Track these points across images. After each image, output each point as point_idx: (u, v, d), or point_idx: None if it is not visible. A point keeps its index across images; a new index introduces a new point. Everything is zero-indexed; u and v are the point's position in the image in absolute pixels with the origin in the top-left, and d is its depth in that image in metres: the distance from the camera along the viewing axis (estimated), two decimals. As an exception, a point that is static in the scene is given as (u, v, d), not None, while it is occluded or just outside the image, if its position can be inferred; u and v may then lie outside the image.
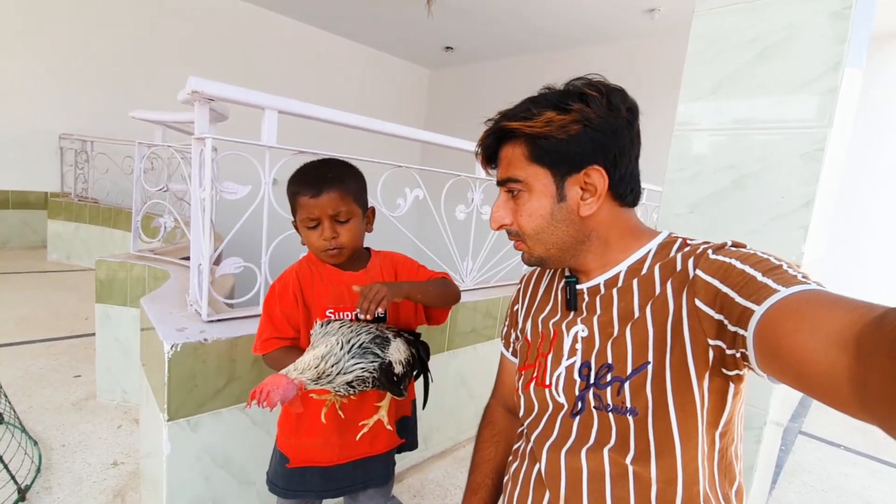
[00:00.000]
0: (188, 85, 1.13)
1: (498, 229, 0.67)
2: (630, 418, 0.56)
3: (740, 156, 1.16)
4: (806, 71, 1.06)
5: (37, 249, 5.00)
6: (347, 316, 0.97)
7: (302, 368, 0.76)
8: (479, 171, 1.92)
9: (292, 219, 0.97)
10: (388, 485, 1.09)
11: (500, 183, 0.66)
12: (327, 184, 0.90)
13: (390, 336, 0.90)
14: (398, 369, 0.87)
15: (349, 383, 0.81)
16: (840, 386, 0.35)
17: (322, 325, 0.87)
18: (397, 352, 0.88)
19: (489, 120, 0.66)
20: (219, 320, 1.25)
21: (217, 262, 1.34)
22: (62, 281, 4.02)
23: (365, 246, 1.04)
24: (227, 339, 1.16)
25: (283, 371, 0.76)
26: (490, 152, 0.67)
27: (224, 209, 1.60)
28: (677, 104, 1.27)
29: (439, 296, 0.99)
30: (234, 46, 6.15)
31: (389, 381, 0.86)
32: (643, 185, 0.67)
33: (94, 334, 2.80)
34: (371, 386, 0.85)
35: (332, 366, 0.78)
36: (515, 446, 0.75)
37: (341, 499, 1.11)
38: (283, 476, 1.00)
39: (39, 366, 2.36)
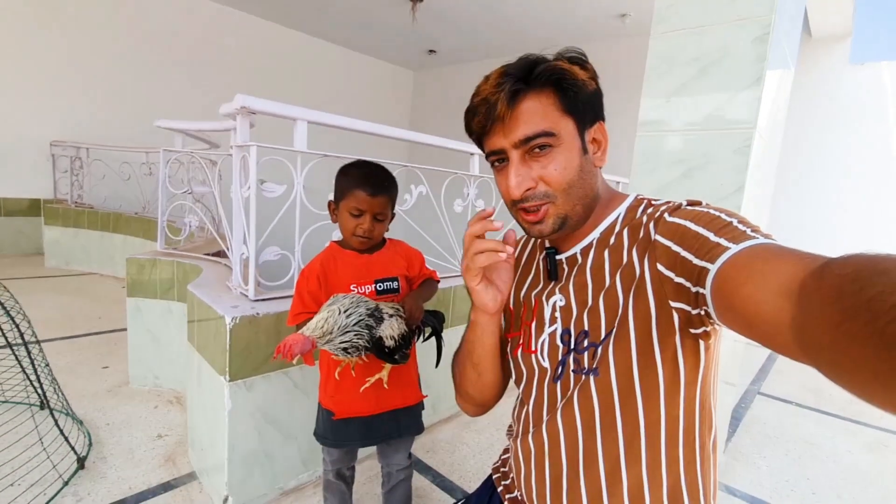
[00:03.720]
0: (236, 101, 1.35)
1: (522, 196, 0.61)
2: (594, 377, 0.61)
3: (689, 152, 1.44)
4: (736, 83, 1.35)
5: (32, 256, 5.05)
6: (367, 289, 1.19)
7: (312, 328, 0.97)
8: (475, 169, 2.17)
9: (330, 200, 1.18)
10: (417, 434, 1.30)
11: (526, 140, 0.59)
12: (383, 189, 1.13)
13: (385, 316, 1.06)
14: (389, 343, 1.05)
15: (344, 349, 0.99)
16: (782, 331, 0.37)
17: (333, 297, 1.05)
18: (389, 328, 1.05)
19: (506, 70, 0.61)
20: (263, 300, 1.47)
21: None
22: (64, 285, 4.12)
23: None
24: (274, 313, 1.39)
25: (300, 331, 0.97)
26: (504, 107, 0.59)
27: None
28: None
29: (430, 299, 1.27)
30: (224, 52, 6.25)
31: (381, 352, 1.05)
32: (616, 178, 0.82)
33: (112, 331, 3.00)
34: (364, 353, 1.04)
35: (330, 328, 0.97)
36: (515, 410, 0.79)
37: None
38: (331, 429, 1.20)
39: (66, 360, 2.52)
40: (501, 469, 0.86)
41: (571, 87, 0.59)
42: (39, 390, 1.75)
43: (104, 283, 4.22)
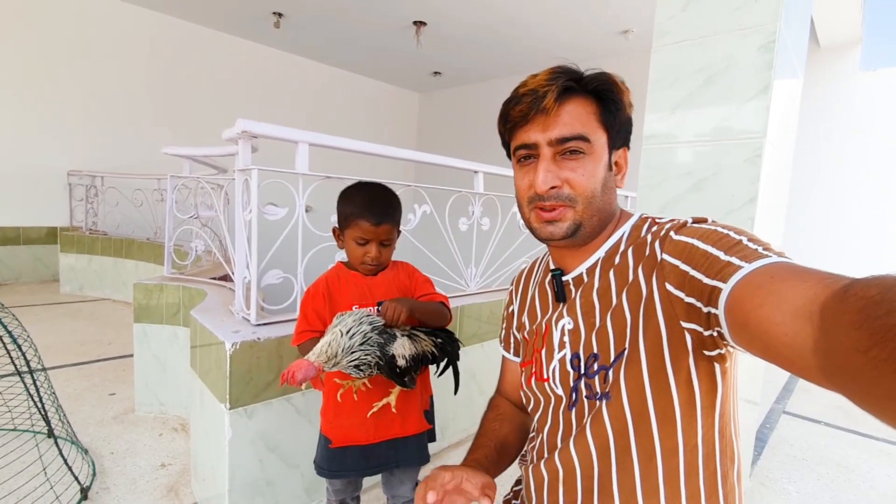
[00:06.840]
0: (237, 125, 1.36)
1: (546, 192, 0.60)
2: (606, 402, 0.59)
3: (698, 163, 1.40)
4: (743, 93, 1.32)
5: (48, 283, 5.14)
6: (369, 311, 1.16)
7: (317, 353, 0.94)
8: (478, 187, 2.15)
9: (335, 227, 1.17)
10: (420, 465, 1.24)
11: (564, 140, 0.59)
12: (388, 217, 1.11)
13: (397, 333, 1.03)
14: (401, 362, 1.01)
15: (356, 367, 0.96)
16: (804, 356, 0.35)
17: (337, 317, 1.02)
18: (401, 347, 1.02)
19: (559, 69, 0.60)
20: (265, 324, 1.44)
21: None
22: (78, 311, 4.17)
23: None
24: (276, 337, 1.36)
25: (306, 357, 0.94)
26: (552, 100, 0.58)
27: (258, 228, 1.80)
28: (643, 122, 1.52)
29: (432, 317, 1.17)
30: (234, 81, 6.43)
31: (392, 371, 1.00)
32: (624, 192, 0.78)
33: (120, 357, 2.99)
34: (376, 371, 1.00)
35: (335, 352, 0.94)
36: (530, 439, 0.77)
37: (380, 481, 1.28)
38: (328, 458, 1.16)
39: (74, 387, 2.52)
40: (513, 501, 0.82)
41: (614, 103, 0.61)
42: (45, 418, 1.74)
43: (116, 309, 4.26)
